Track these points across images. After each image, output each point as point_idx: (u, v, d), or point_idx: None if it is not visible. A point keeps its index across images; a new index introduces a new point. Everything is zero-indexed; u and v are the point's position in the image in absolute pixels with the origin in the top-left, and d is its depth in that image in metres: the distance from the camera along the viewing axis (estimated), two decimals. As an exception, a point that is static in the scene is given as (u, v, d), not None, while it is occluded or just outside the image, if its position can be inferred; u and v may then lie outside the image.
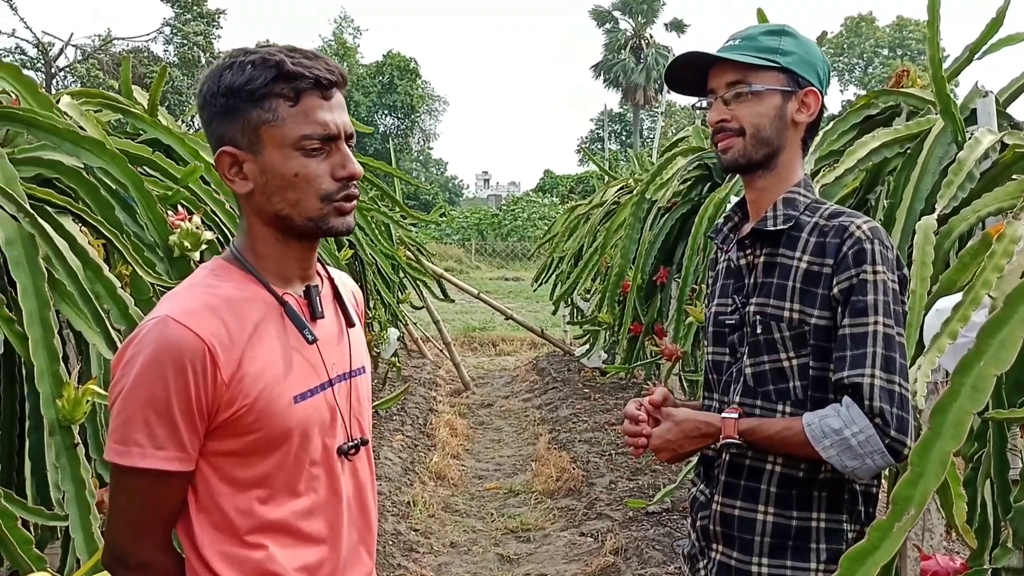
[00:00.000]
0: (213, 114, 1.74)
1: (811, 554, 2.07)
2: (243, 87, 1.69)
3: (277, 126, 1.69)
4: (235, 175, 1.74)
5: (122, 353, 1.69)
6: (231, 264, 1.80)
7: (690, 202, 6.16)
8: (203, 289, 1.74)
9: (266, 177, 1.72)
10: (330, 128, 1.72)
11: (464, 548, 6.27)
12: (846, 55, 60.72)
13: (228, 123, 1.72)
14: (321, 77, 1.71)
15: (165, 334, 1.64)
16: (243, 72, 1.69)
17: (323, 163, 1.72)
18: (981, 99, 3.31)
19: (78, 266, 2.90)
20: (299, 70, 1.69)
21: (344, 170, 1.74)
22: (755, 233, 2.19)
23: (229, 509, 1.71)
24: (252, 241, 1.80)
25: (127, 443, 1.64)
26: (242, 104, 1.70)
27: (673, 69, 2.26)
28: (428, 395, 11.27)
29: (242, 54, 1.72)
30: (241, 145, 1.72)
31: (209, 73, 1.75)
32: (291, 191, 1.72)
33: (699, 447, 2.18)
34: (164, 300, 1.75)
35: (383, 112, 55.46)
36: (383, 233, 8.13)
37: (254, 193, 1.74)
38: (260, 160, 1.72)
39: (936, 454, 1.36)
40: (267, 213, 1.75)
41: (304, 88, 1.70)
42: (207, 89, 1.73)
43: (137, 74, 32.76)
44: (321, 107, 1.72)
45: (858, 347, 1.98)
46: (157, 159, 3.78)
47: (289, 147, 1.70)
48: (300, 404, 1.75)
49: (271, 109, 1.69)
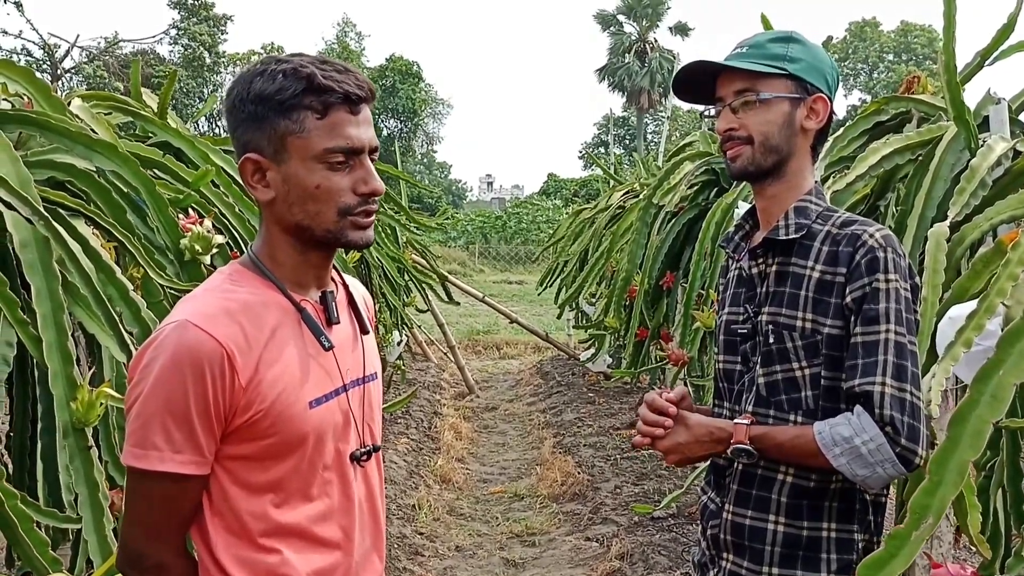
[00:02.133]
0: (240, 120, 1.75)
1: (821, 564, 2.06)
2: (272, 96, 1.69)
3: (303, 137, 1.70)
4: (258, 182, 1.75)
5: (140, 356, 1.69)
6: (249, 269, 1.81)
7: (697, 207, 6.16)
8: (221, 293, 1.75)
9: (288, 187, 1.73)
10: (355, 143, 1.73)
11: (469, 552, 6.27)
12: (851, 60, 60.68)
13: (255, 130, 1.73)
14: (351, 92, 1.71)
15: (184, 338, 1.64)
16: (274, 81, 1.70)
17: (346, 177, 1.73)
18: (994, 106, 3.31)
19: (91, 269, 2.91)
20: (329, 84, 1.69)
21: (366, 186, 1.75)
22: (767, 242, 2.18)
23: (243, 513, 1.72)
24: (271, 248, 1.81)
25: (145, 446, 1.65)
26: (270, 113, 1.70)
27: (680, 77, 2.25)
28: (432, 398, 11.26)
29: (275, 62, 1.73)
30: (266, 153, 1.73)
31: (239, 78, 1.76)
32: (311, 203, 1.73)
33: (709, 453, 2.16)
34: (182, 303, 1.76)
35: (386, 115, 55.46)
36: (389, 236, 8.15)
37: (275, 201, 1.75)
38: (283, 169, 1.72)
39: (955, 463, 1.36)
40: (287, 222, 1.76)
41: (333, 102, 1.70)
42: (236, 94, 1.74)
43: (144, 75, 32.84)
44: (348, 122, 1.72)
45: (869, 355, 1.97)
46: (168, 162, 3.78)
47: (313, 159, 1.71)
48: (315, 409, 1.76)
49: (298, 120, 1.70)
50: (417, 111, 55.96)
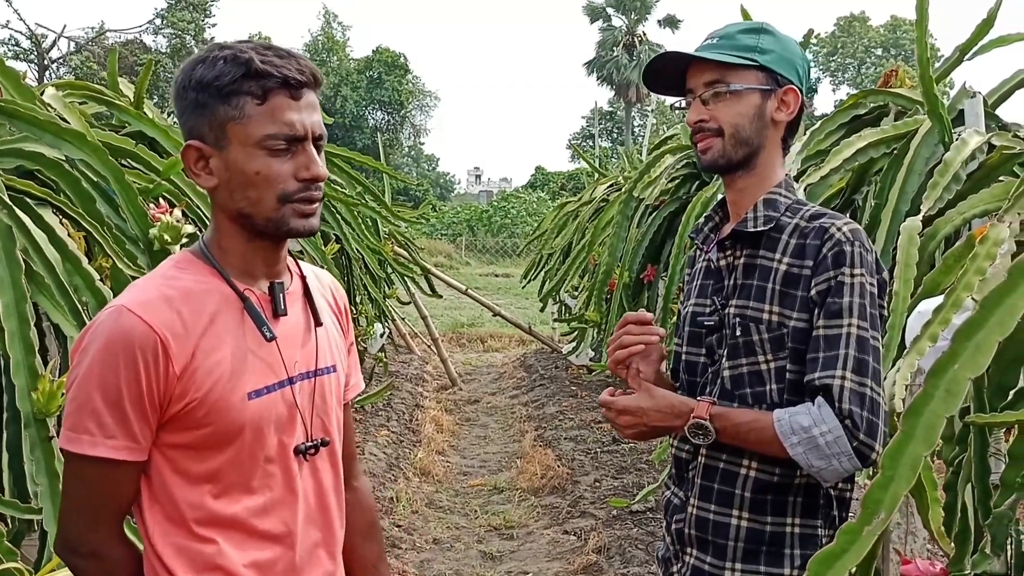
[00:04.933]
0: (184, 108, 1.74)
1: (785, 559, 2.05)
2: (212, 83, 1.68)
3: (243, 123, 1.68)
4: (201, 169, 1.74)
5: (79, 341, 1.70)
6: (196, 257, 1.79)
7: (678, 200, 6.15)
8: (163, 280, 1.74)
9: (230, 174, 1.71)
10: (296, 129, 1.70)
11: (447, 545, 6.26)
12: (839, 55, 60.79)
13: (197, 117, 1.71)
14: (290, 77, 1.69)
15: (119, 323, 1.64)
16: (214, 67, 1.68)
17: (287, 163, 1.71)
18: (969, 100, 3.30)
19: (57, 259, 2.89)
20: (267, 69, 1.68)
21: (307, 172, 1.72)
22: (735, 234, 2.16)
23: (181, 502, 1.72)
24: (219, 236, 1.79)
25: (78, 430, 1.65)
26: (211, 100, 1.69)
27: (652, 69, 2.23)
28: (415, 391, 11.24)
29: (216, 49, 1.71)
30: (208, 140, 1.71)
31: (184, 66, 1.75)
32: (252, 189, 1.71)
33: (668, 426, 2.11)
34: (125, 290, 1.76)
35: (372, 107, 55.40)
36: (370, 228, 8.11)
37: (218, 189, 1.74)
38: (225, 156, 1.71)
39: (908, 457, 1.35)
40: (230, 210, 1.75)
41: (272, 87, 1.69)
42: (180, 82, 1.73)
43: (128, 64, 32.70)
44: (289, 107, 1.70)
45: (831, 349, 1.95)
46: (140, 152, 3.76)
47: (253, 145, 1.69)
48: (254, 401, 1.73)
49: (238, 106, 1.68)
50: (404, 103, 55.88)
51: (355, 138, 50.53)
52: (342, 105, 51.51)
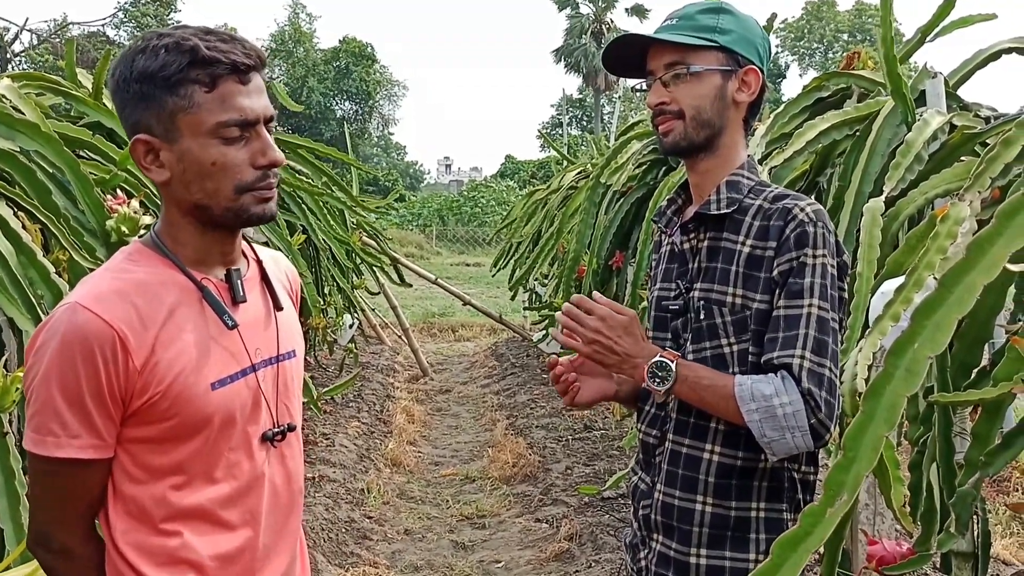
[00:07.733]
0: (126, 100, 1.68)
1: (750, 544, 2.04)
2: (157, 73, 1.63)
3: (193, 113, 1.64)
4: (151, 163, 1.69)
5: (33, 340, 1.65)
6: (149, 248, 1.75)
7: (645, 186, 6.12)
8: (116, 274, 1.70)
9: (183, 166, 1.67)
10: (248, 114, 1.66)
11: (419, 535, 6.23)
12: (806, 39, 61.01)
13: (143, 110, 1.66)
14: (238, 62, 1.65)
15: (74, 321, 1.60)
16: (156, 57, 1.63)
17: (242, 151, 1.67)
18: (930, 80, 3.30)
19: (10, 251, 2.83)
20: (215, 55, 1.63)
21: (264, 158, 1.69)
22: (698, 217, 2.14)
23: (144, 497, 1.69)
24: (172, 228, 1.75)
25: (42, 432, 1.62)
26: (156, 91, 1.64)
27: (611, 51, 2.20)
28: (386, 381, 11.19)
29: (156, 37, 1.66)
30: (156, 133, 1.66)
31: (121, 57, 1.69)
32: (209, 180, 1.67)
33: (628, 353, 2.04)
34: (78, 286, 1.71)
35: (340, 98, 55.19)
36: (336, 218, 8.05)
37: (171, 182, 1.69)
38: (177, 148, 1.66)
39: (869, 438, 1.33)
40: (185, 203, 1.70)
41: (220, 73, 1.64)
42: (119, 74, 1.67)
43: (91, 58, 32.37)
44: (239, 92, 1.66)
45: (791, 328, 1.94)
46: (97, 142, 3.70)
47: (206, 135, 1.65)
48: (219, 391, 1.70)
49: (187, 96, 1.63)
50: (371, 93, 55.69)
51: (322, 129, 50.32)
52: (308, 96, 51.22)
